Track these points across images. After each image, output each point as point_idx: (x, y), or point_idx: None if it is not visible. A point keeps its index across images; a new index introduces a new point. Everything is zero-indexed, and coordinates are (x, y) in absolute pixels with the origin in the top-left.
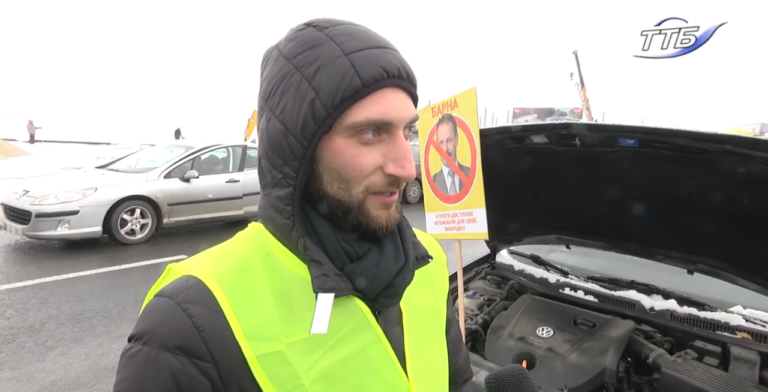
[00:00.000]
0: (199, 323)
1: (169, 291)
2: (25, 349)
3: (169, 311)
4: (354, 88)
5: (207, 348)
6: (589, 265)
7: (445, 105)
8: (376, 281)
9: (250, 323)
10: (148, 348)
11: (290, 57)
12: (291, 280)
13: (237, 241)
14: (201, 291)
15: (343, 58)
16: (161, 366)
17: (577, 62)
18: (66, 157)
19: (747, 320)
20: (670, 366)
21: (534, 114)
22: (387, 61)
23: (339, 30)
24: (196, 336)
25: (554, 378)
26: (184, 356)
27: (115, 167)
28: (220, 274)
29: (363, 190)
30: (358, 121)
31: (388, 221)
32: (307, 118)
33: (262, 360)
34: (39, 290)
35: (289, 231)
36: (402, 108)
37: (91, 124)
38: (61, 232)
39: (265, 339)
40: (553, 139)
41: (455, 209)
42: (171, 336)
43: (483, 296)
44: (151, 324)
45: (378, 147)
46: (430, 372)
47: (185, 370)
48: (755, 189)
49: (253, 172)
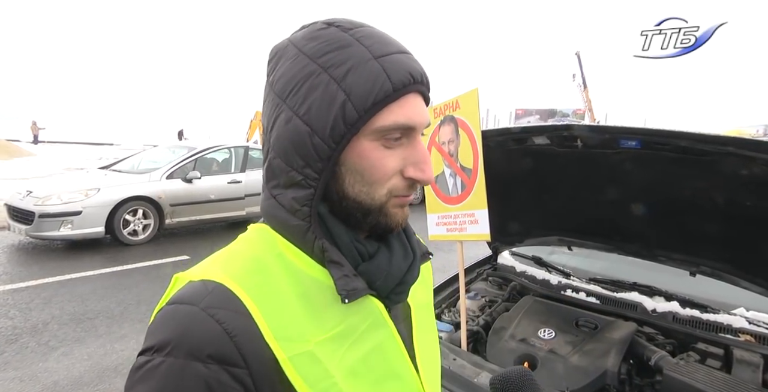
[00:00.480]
0: (229, 328)
1: (188, 298)
2: (28, 349)
3: (194, 318)
4: (385, 92)
5: (240, 353)
6: (591, 267)
7: (447, 106)
8: (390, 279)
9: (278, 324)
10: (173, 359)
11: (315, 56)
12: (307, 281)
13: (243, 244)
14: (225, 295)
15: (374, 62)
16: (191, 377)
17: (580, 63)
18: (69, 157)
19: (750, 322)
20: (672, 368)
21: (536, 115)
22: (412, 67)
23: (364, 32)
24: (228, 342)
25: (556, 379)
26: (215, 364)
27: (117, 168)
28: (239, 276)
29: (386, 192)
30: (386, 125)
31: (403, 220)
32: (338, 119)
33: (295, 361)
34: (42, 290)
35: (304, 232)
36: (422, 113)
37: (94, 125)
38: (64, 233)
39: (295, 339)
40: (554, 140)
41: (457, 210)
42: (200, 344)
43: (484, 297)
44: (174, 334)
45: (398, 151)
46: (433, 366)
47: (218, 378)
48: (758, 191)
49: (255, 173)
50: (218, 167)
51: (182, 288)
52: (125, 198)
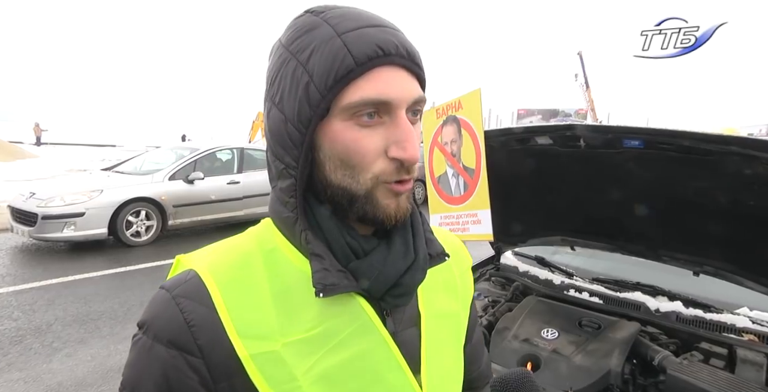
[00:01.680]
0: (190, 318)
1: (169, 284)
2: (32, 351)
3: (164, 304)
4: (347, 68)
5: (196, 343)
6: (594, 267)
7: (449, 106)
8: (381, 279)
9: (244, 321)
10: (146, 337)
11: (287, 44)
12: (293, 277)
13: (244, 236)
14: (196, 286)
15: (336, 39)
16: (154, 357)
17: (582, 63)
18: (72, 159)
19: (753, 322)
20: (675, 368)
21: (538, 115)
22: (383, 39)
23: (335, 12)
24: (186, 331)
25: (559, 379)
26: (174, 349)
27: (120, 169)
28: (218, 269)
29: (372, 177)
30: (353, 101)
31: (397, 212)
32: (303, 103)
33: (257, 360)
34: (45, 292)
35: (293, 224)
36: (402, 87)
37: (96, 127)
38: (67, 234)
39: (260, 338)
40: (557, 140)
41: (460, 210)
42: (164, 329)
43: (488, 297)
44: (149, 316)
45: (379, 130)
46: (446, 379)
47: (175, 364)
48: (761, 190)
49: (253, 174)
50: (219, 168)
51: (176, 274)
52: (128, 199)
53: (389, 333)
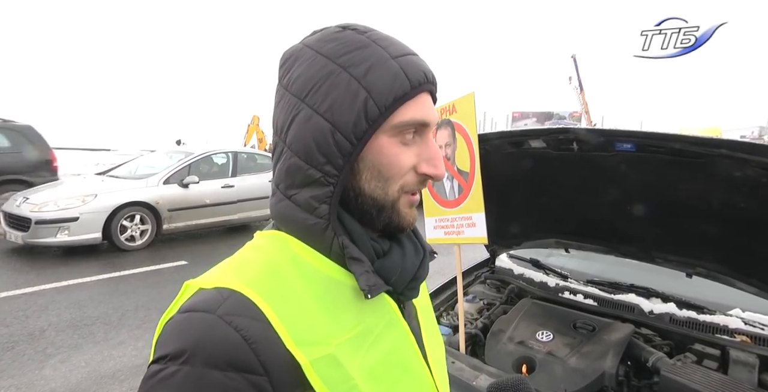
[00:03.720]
0: (248, 335)
1: (203, 306)
2: (25, 357)
3: (210, 325)
4: (404, 90)
5: (259, 360)
6: (588, 269)
7: (443, 110)
8: (404, 274)
9: (297, 329)
10: (189, 367)
11: (334, 57)
12: (323, 282)
13: (252, 250)
14: (241, 302)
15: (392, 61)
16: (209, 386)
17: (576, 66)
18: (66, 163)
19: (746, 323)
20: (669, 369)
21: (533, 118)
22: (425, 67)
23: (378, 35)
24: (246, 349)
25: (554, 382)
26: (234, 372)
27: (115, 173)
28: (253, 283)
29: (399, 188)
30: (405, 120)
31: (413, 220)
32: (360, 115)
33: (316, 365)
34: (38, 297)
35: (323, 231)
36: (433, 111)
37: (91, 131)
38: (60, 239)
39: (315, 343)
40: (551, 143)
41: (454, 214)
42: (218, 351)
43: (483, 300)
44: (190, 342)
45: (413, 147)
46: (441, 365)
47: (237, 386)
48: (751, 192)
49: (248, 178)
50: (214, 172)
51: (194, 296)
52: (122, 203)
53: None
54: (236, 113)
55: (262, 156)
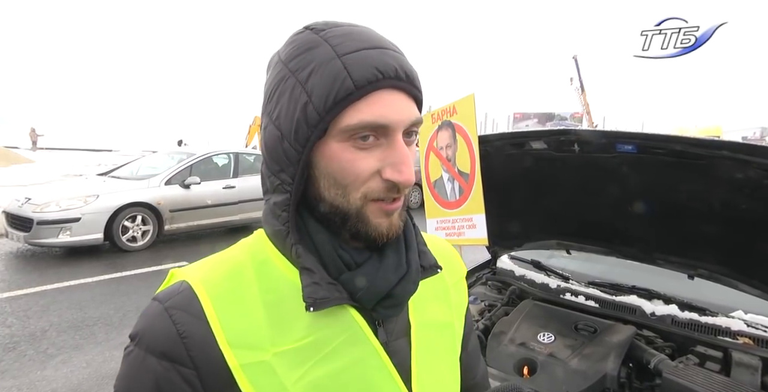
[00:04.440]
0: (182, 329)
1: (162, 296)
2: (27, 357)
3: (157, 316)
4: (346, 91)
5: (189, 354)
6: (589, 270)
7: (444, 111)
8: (373, 290)
9: (235, 331)
10: (138, 349)
11: (287, 61)
12: (285, 288)
13: (237, 248)
14: (188, 298)
15: (336, 60)
16: (146, 369)
17: (577, 67)
18: (68, 164)
19: (748, 325)
20: (671, 371)
21: (534, 119)
22: (383, 62)
23: (335, 32)
24: (179, 342)
25: (555, 383)
26: (167, 361)
27: (116, 174)
28: (210, 281)
29: (361, 196)
30: (352, 123)
31: (389, 230)
32: (300, 122)
33: (247, 370)
34: (40, 298)
35: (284, 237)
36: (400, 110)
37: (92, 132)
38: (62, 240)
39: (251, 348)
40: (552, 144)
41: (455, 215)
42: (156, 341)
43: (484, 302)
44: (141, 327)
45: (375, 152)
46: (438, 388)
47: (167, 376)
48: (753, 194)
49: (249, 179)
50: (215, 173)
51: (168, 286)
52: (124, 204)
53: (381, 343)
54: (238, 114)
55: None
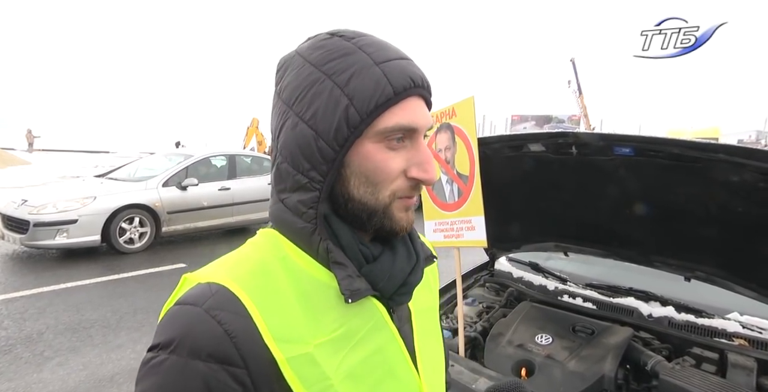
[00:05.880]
0: (230, 329)
1: (192, 299)
2: (23, 360)
3: (196, 318)
4: (387, 96)
5: (239, 353)
6: (587, 272)
7: (443, 114)
8: (393, 280)
9: (277, 326)
10: (176, 356)
11: (320, 64)
12: (308, 282)
13: (249, 247)
14: (227, 297)
15: (375, 68)
16: (191, 374)
17: (575, 70)
18: (65, 165)
19: (744, 327)
20: (668, 373)
21: (532, 121)
22: (413, 72)
23: (365, 40)
24: (227, 342)
25: (553, 385)
26: (215, 363)
27: (114, 176)
28: (241, 279)
29: (390, 193)
30: (389, 126)
31: (408, 223)
32: (341, 123)
33: (293, 363)
34: (37, 300)
35: (310, 234)
36: (424, 115)
37: (89, 133)
38: (59, 241)
39: (294, 341)
40: (550, 147)
41: (454, 217)
42: (201, 343)
43: (482, 303)
44: (178, 332)
45: (402, 152)
46: (435, 370)
47: (217, 377)
48: (749, 197)
49: (245, 180)
50: (213, 174)
51: (189, 290)
52: (121, 206)
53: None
54: (235, 116)
55: (260, 158)
